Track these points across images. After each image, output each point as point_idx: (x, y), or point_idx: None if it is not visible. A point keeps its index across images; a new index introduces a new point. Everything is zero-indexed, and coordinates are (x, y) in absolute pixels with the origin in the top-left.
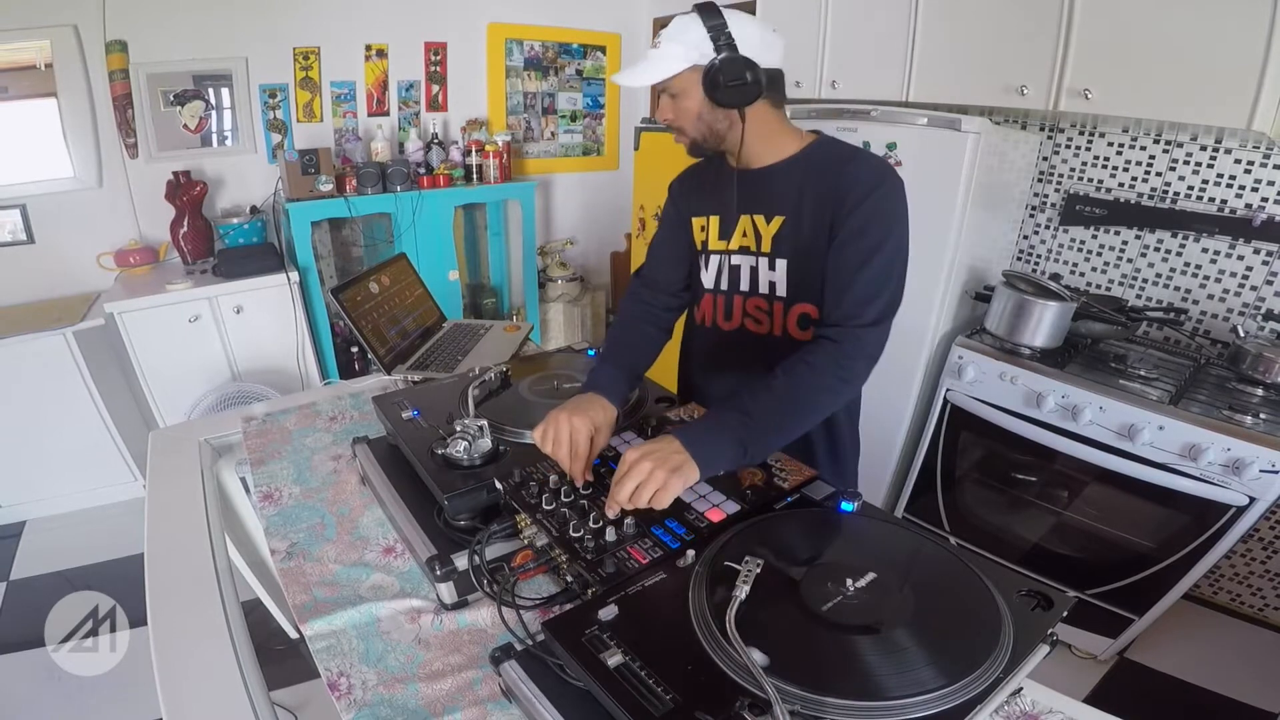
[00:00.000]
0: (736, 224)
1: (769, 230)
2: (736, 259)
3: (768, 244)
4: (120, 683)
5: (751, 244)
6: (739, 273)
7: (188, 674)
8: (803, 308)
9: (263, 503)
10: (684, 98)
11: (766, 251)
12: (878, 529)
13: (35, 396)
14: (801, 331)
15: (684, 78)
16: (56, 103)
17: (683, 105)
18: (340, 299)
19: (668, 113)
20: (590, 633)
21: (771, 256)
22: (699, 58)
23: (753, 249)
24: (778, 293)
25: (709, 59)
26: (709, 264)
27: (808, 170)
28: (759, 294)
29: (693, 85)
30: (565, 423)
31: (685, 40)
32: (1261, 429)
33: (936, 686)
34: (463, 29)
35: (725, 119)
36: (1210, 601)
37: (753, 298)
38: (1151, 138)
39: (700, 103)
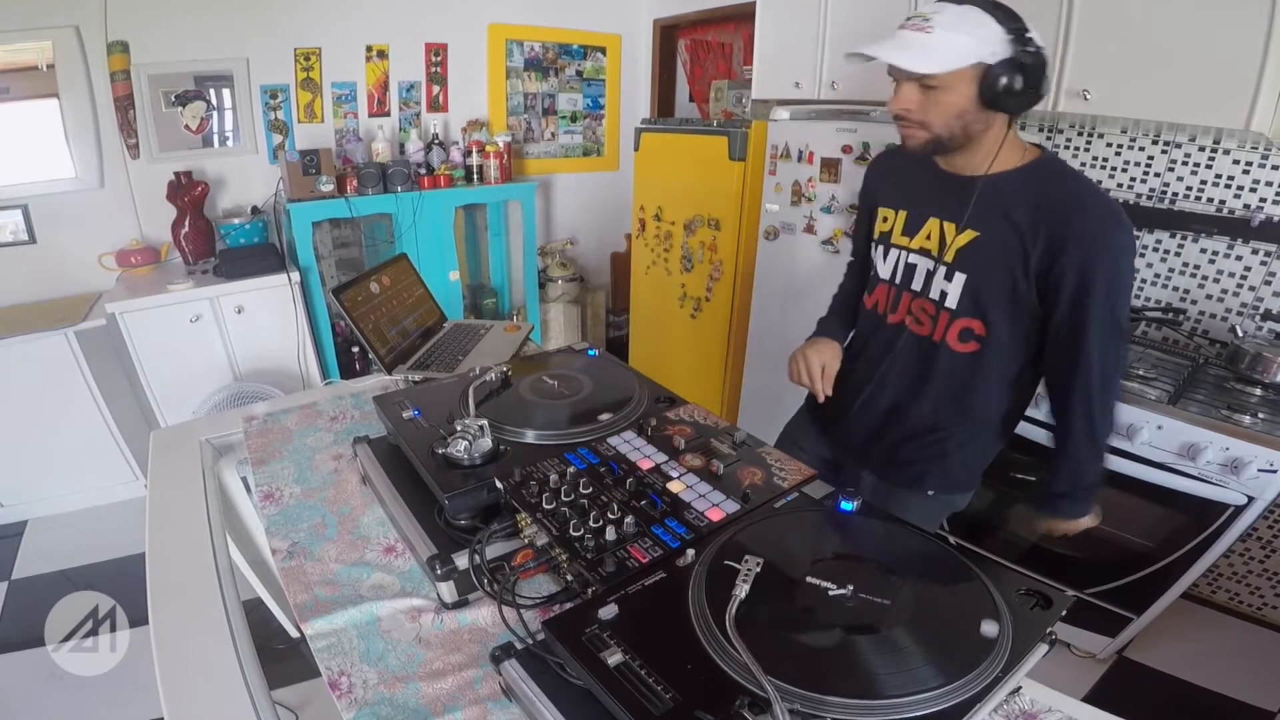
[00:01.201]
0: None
1: (956, 241)
2: (914, 258)
3: (951, 254)
4: (121, 682)
5: (934, 248)
6: (914, 272)
7: (189, 673)
8: (967, 322)
9: (264, 502)
10: (949, 93)
11: (948, 261)
12: (877, 528)
13: (37, 396)
14: (961, 344)
15: (961, 73)
16: (58, 103)
17: (944, 99)
18: (341, 299)
19: (911, 104)
20: (590, 632)
21: (952, 268)
22: (989, 55)
23: (933, 253)
24: (947, 303)
25: (999, 59)
26: (887, 256)
27: (1019, 190)
28: (928, 297)
29: (966, 82)
30: (803, 355)
31: (977, 34)
32: (1260, 428)
33: (936, 685)
34: (463, 30)
35: (985, 122)
36: (1209, 600)
37: (920, 299)
38: (1150, 138)
39: (968, 101)
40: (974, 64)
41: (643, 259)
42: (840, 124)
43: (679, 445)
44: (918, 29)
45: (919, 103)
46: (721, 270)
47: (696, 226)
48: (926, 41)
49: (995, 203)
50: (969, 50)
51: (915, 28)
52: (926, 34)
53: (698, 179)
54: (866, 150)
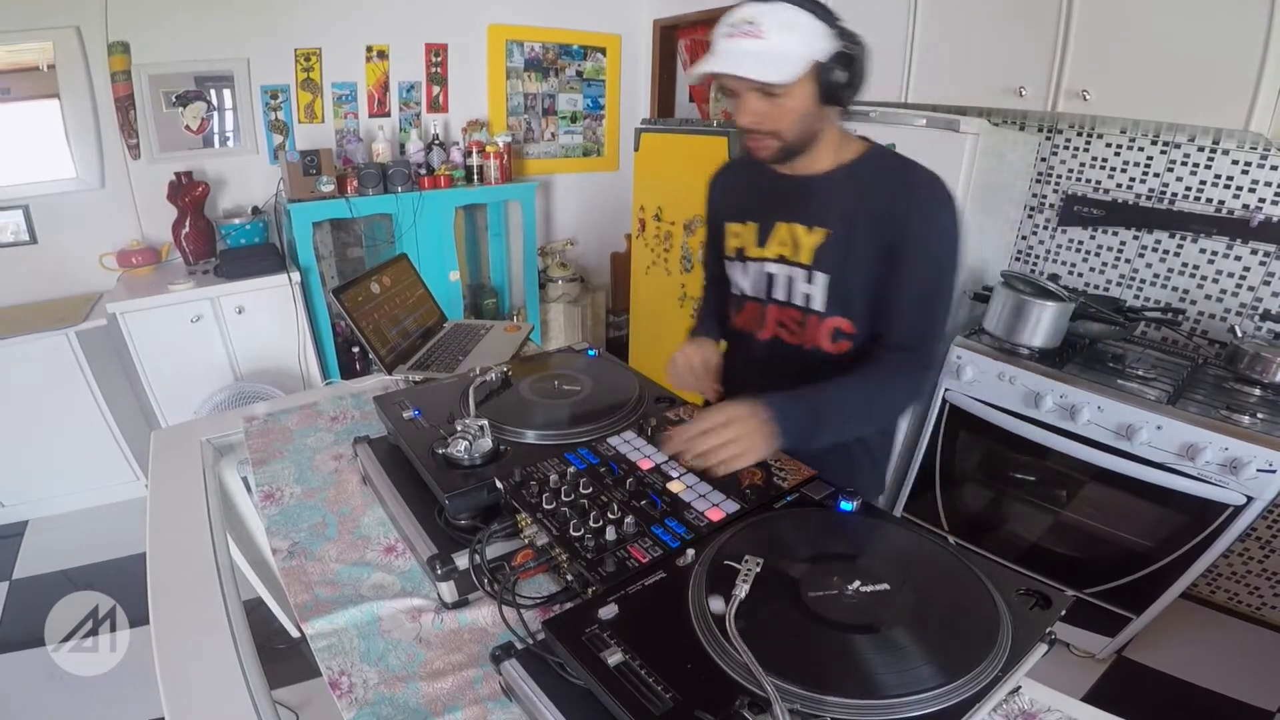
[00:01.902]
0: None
1: (810, 241)
2: (773, 267)
3: (808, 255)
4: (122, 681)
5: (789, 253)
6: (774, 281)
7: (190, 673)
8: (837, 321)
9: (264, 502)
10: (792, 97)
11: (806, 263)
12: (877, 528)
13: (38, 396)
14: (833, 345)
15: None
16: (59, 104)
17: (788, 105)
18: (341, 299)
19: (756, 115)
20: (590, 631)
21: (811, 269)
22: (819, 53)
23: (790, 259)
24: (813, 305)
25: (828, 54)
26: (746, 270)
27: (859, 182)
28: (793, 305)
29: (804, 83)
30: (680, 355)
31: (805, 34)
32: (1259, 428)
33: (935, 685)
34: (463, 30)
35: (823, 120)
36: (1208, 600)
37: (787, 308)
38: (1149, 139)
39: (810, 101)
40: (809, 64)
41: (643, 259)
42: None
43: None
44: (751, 35)
45: (766, 112)
46: None
47: (696, 226)
48: (764, 49)
49: (840, 197)
50: (804, 51)
51: (748, 34)
52: (761, 40)
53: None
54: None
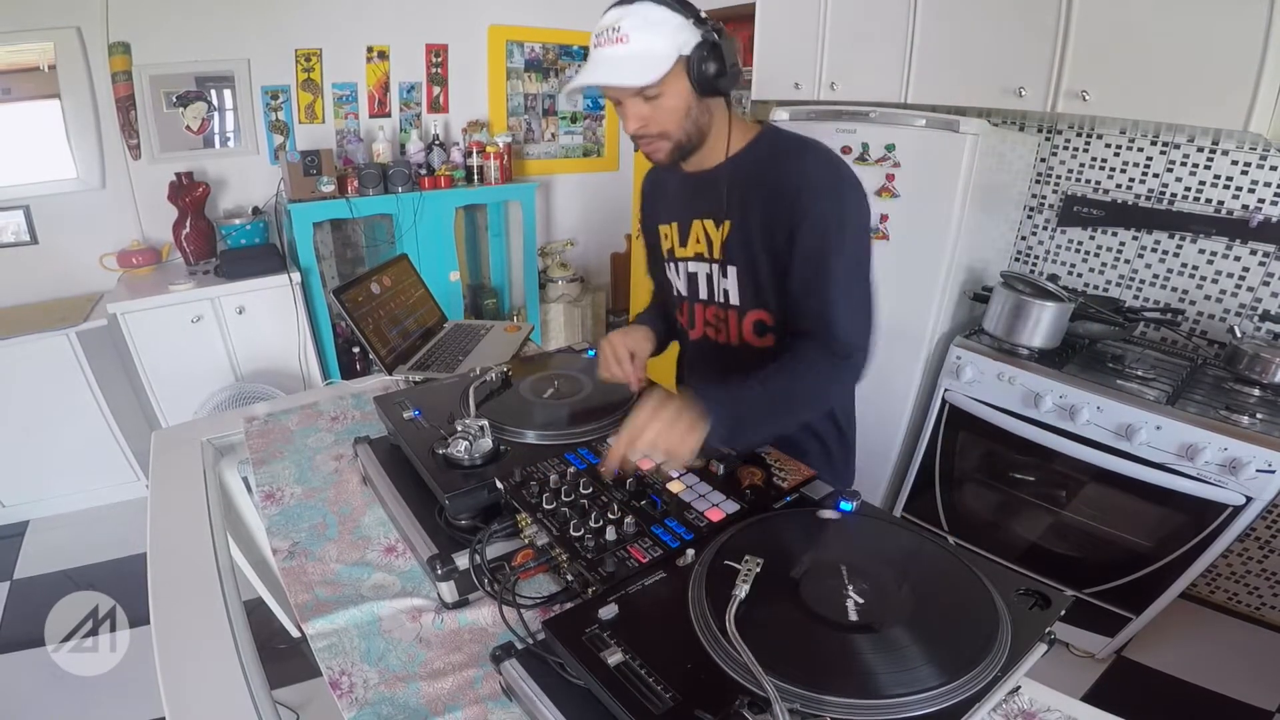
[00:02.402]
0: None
1: (718, 236)
2: (694, 266)
3: (718, 250)
4: (123, 681)
5: (705, 250)
6: (696, 280)
7: (190, 673)
8: (757, 314)
9: (265, 502)
10: (668, 96)
11: (718, 259)
12: (876, 528)
13: (38, 397)
14: (758, 338)
15: (669, 73)
16: (60, 104)
17: (668, 105)
18: (342, 299)
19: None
20: (590, 631)
21: (723, 263)
22: (683, 46)
23: (706, 255)
24: (731, 300)
25: (692, 45)
26: (678, 271)
27: (751, 169)
28: (715, 302)
29: (676, 80)
30: (605, 344)
31: (664, 30)
32: (1258, 429)
33: (935, 685)
34: (463, 31)
35: (707, 112)
36: (1207, 600)
37: (710, 306)
38: (1149, 139)
39: (688, 98)
40: (676, 59)
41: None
42: (840, 124)
43: None
44: (615, 42)
45: (649, 115)
46: None
47: None
48: (629, 53)
49: (734, 187)
50: (667, 48)
51: (612, 41)
52: (626, 44)
53: None
54: (866, 151)
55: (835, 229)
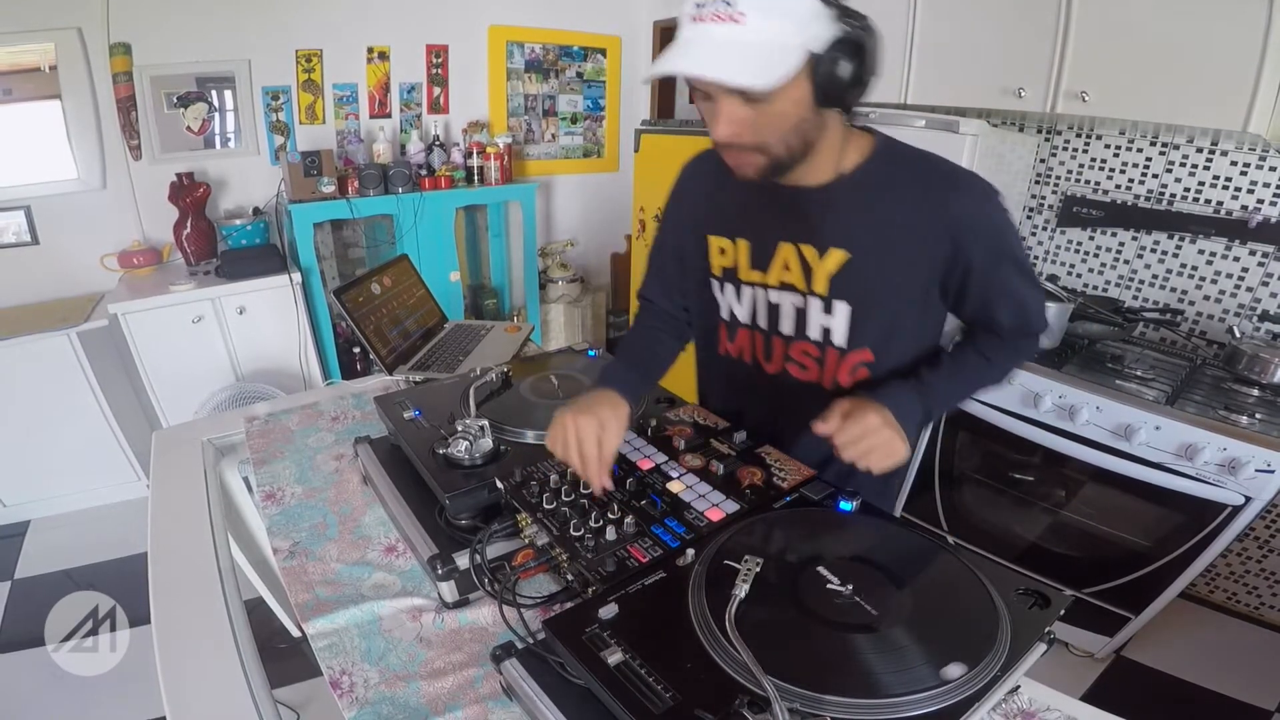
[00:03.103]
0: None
1: (824, 267)
2: (776, 295)
3: (822, 284)
4: (124, 681)
5: (797, 281)
6: (779, 312)
7: (191, 672)
8: (860, 355)
9: (265, 502)
10: (780, 101)
11: (821, 293)
12: (876, 528)
13: (39, 397)
14: (851, 377)
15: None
16: (61, 105)
17: (779, 111)
18: (342, 300)
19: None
20: (591, 631)
21: (829, 299)
22: (813, 41)
23: (799, 287)
24: (833, 340)
25: (824, 42)
26: (740, 295)
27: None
28: (807, 338)
29: (796, 83)
30: (571, 424)
31: (794, 15)
32: (1257, 429)
33: (935, 684)
34: (464, 31)
35: (821, 124)
36: (1206, 600)
37: (799, 342)
38: (1148, 140)
39: (804, 106)
40: (804, 57)
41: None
42: None
43: (679, 445)
44: (725, 19)
45: (747, 122)
46: None
47: None
48: (743, 39)
49: (855, 211)
50: (793, 40)
51: (720, 17)
52: (739, 25)
53: None
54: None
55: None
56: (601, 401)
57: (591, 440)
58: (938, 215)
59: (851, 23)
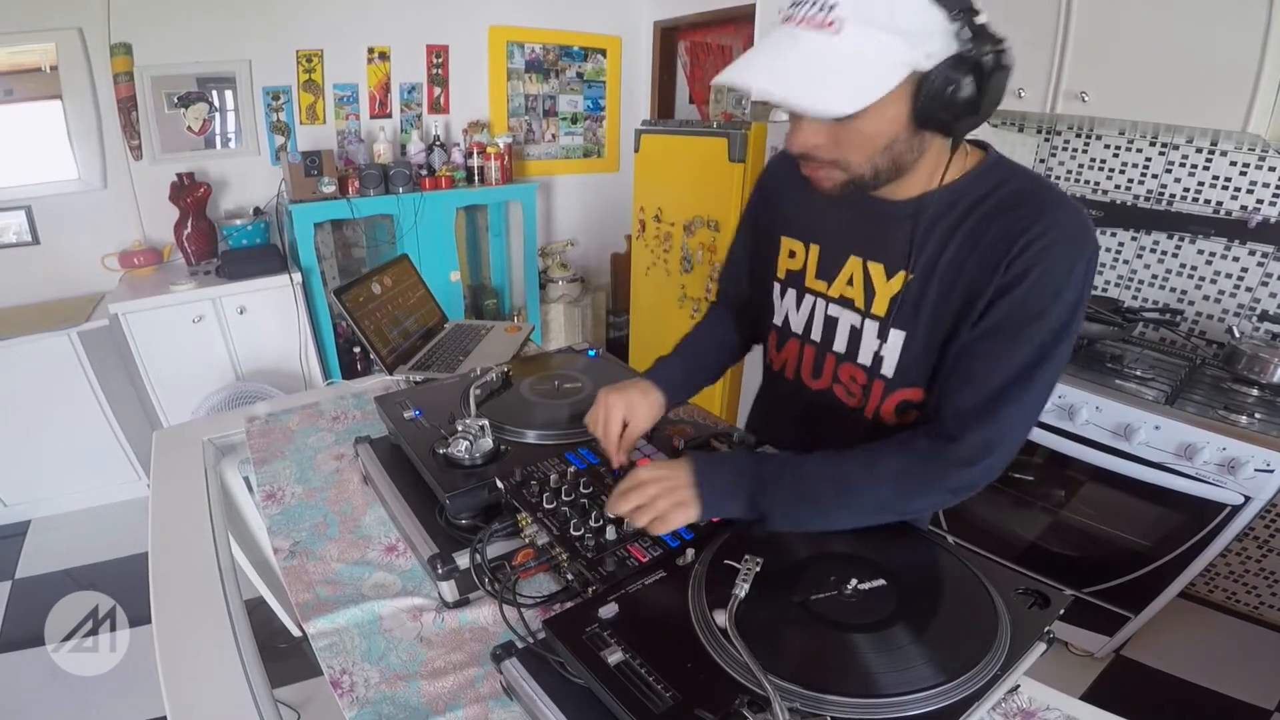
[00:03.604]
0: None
1: (886, 288)
2: (835, 309)
3: (881, 305)
4: (125, 680)
5: (858, 298)
6: (835, 328)
7: (191, 671)
8: (907, 393)
9: (266, 502)
10: (870, 120)
11: (879, 315)
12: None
13: (40, 396)
14: (897, 417)
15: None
16: (61, 105)
17: (867, 130)
18: (343, 300)
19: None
20: (591, 630)
21: (884, 323)
22: (923, 58)
23: (858, 305)
24: (882, 369)
25: (938, 61)
26: (800, 303)
27: (962, 213)
28: (856, 362)
29: (895, 101)
30: (602, 402)
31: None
32: (1256, 428)
33: (934, 683)
34: (464, 32)
35: (919, 147)
36: (1206, 599)
37: (847, 363)
38: (1148, 140)
39: (898, 126)
40: (907, 75)
41: (643, 260)
42: None
43: (679, 445)
44: (819, 25)
45: (828, 139)
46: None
47: (696, 228)
48: (833, 52)
49: (928, 231)
50: (896, 57)
51: (815, 22)
52: (835, 34)
53: (697, 180)
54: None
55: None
56: (636, 387)
57: (616, 419)
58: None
59: (977, 40)
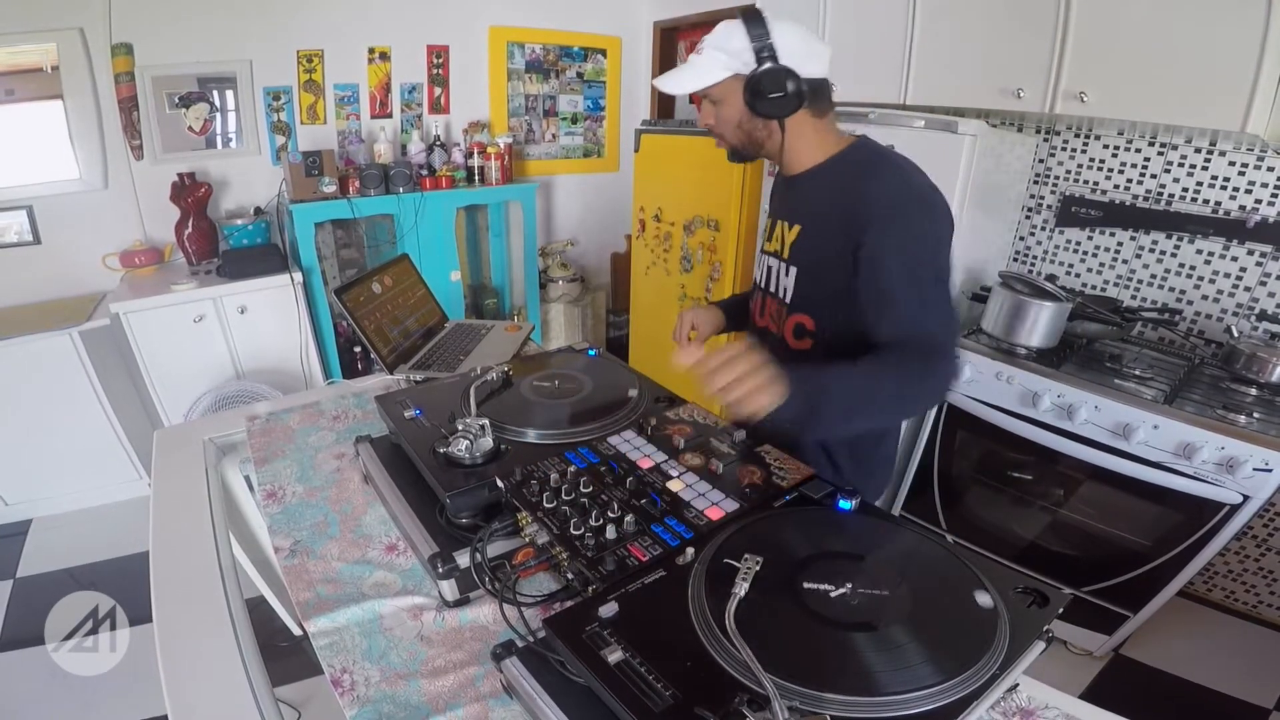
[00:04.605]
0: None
1: (789, 237)
2: (770, 261)
3: (787, 251)
4: (126, 679)
5: (778, 248)
6: (769, 274)
7: (192, 670)
8: (799, 318)
9: (266, 501)
10: (725, 105)
11: (786, 258)
12: (875, 527)
13: (42, 396)
14: (797, 341)
15: (725, 86)
16: (63, 105)
17: (723, 113)
18: (343, 299)
19: (709, 118)
20: (591, 629)
21: (788, 263)
22: (741, 67)
23: (779, 254)
24: (785, 298)
25: (750, 69)
26: (759, 262)
27: (830, 181)
28: (776, 296)
29: (733, 94)
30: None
31: (728, 48)
32: (1255, 428)
33: (933, 682)
34: (464, 32)
35: (764, 128)
36: (1204, 598)
37: (770, 299)
38: (1146, 140)
39: (740, 111)
40: (731, 76)
41: (643, 259)
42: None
43: (679, 444)
44: (694, 50)
45: (714, 116)
46: (721, 271)
47: (696, 227)
48: (695, 61)
49: (811, 196)
50: (721, 64)
51: (695, 51)
52: (699, 54)
53: (697, 180)
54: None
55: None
56: (708, 308)
57: (686, 323)
58: (857, 197)
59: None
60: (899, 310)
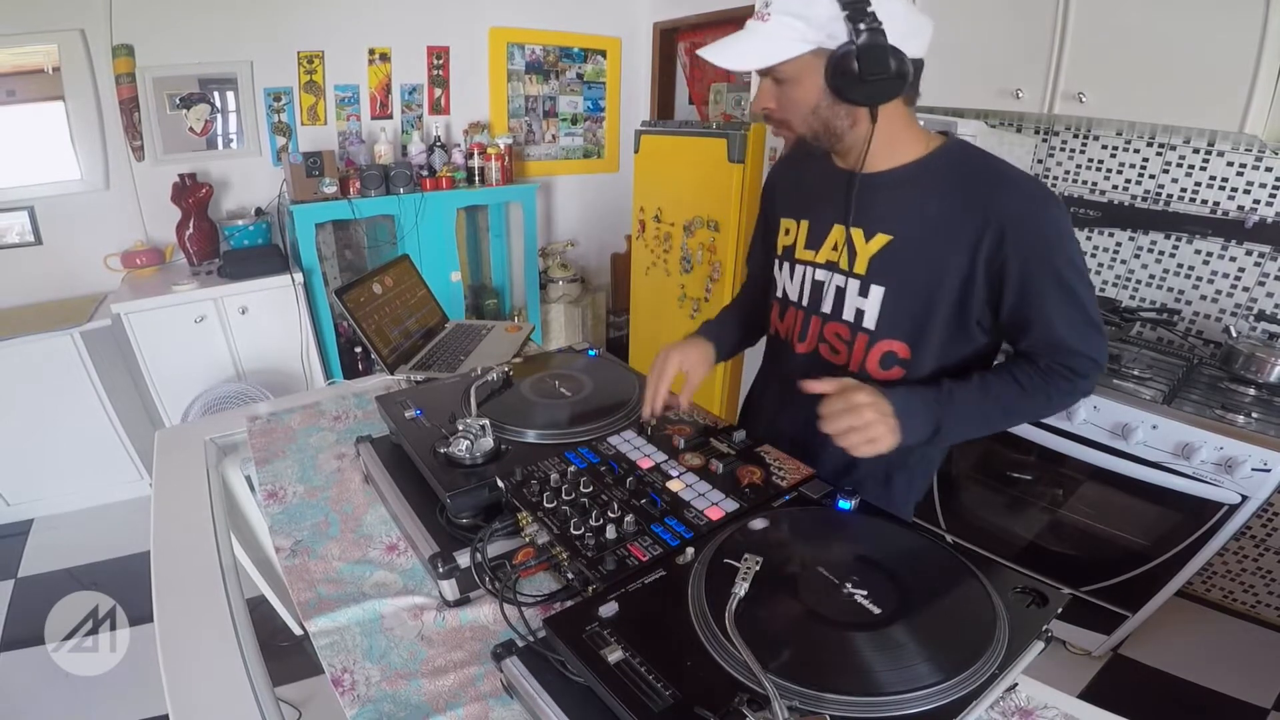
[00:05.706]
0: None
1: (867, 249)
2: (821, 274)
3: (862, 265)
4: (127, 678)
5: (841, 260)
6: (821, 291)
7: (193, 670)
8: (890, 345)
9: (267, 501)
10: (796, 86)
11: (859, 273)
12: (875, 527)
13: (43, 396)
14: (883, 371)
15: (801, 63)
16: (64, 106)
17: (794, 95)
18: (344, 300)
19: (769, 100)
20: (591, 629)
21: (865, 280)
22: (826, 39)
23: (842, 267)
24: (864, 323)
25: (840, 43)
26: (794, 274)
27: (932, 185)
28: (841, 319)
29: (811, 72)
30: (663, 354)
31: (809, 16)
32: (1253, 428)
33: (933, 682)
34: (464, 33)
35: (849, 117)
36: (1203, 598)
37: (833, 323)
38: (1145, 140)
39: (819, 94)
40: (812, 50)
41: (642, 260)
42: None
43: (678, 444)
44: (759, 17)
45: (778, 99)
46: (720, 271)
47: (696, 228)
48: (761, 29)
49: (906, 200)
50: (800, 34)
51: (758, 17)
52: (765, 21)
53: (697, 181)
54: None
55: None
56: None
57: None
58: (982, 208)
59: (860, 27)
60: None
